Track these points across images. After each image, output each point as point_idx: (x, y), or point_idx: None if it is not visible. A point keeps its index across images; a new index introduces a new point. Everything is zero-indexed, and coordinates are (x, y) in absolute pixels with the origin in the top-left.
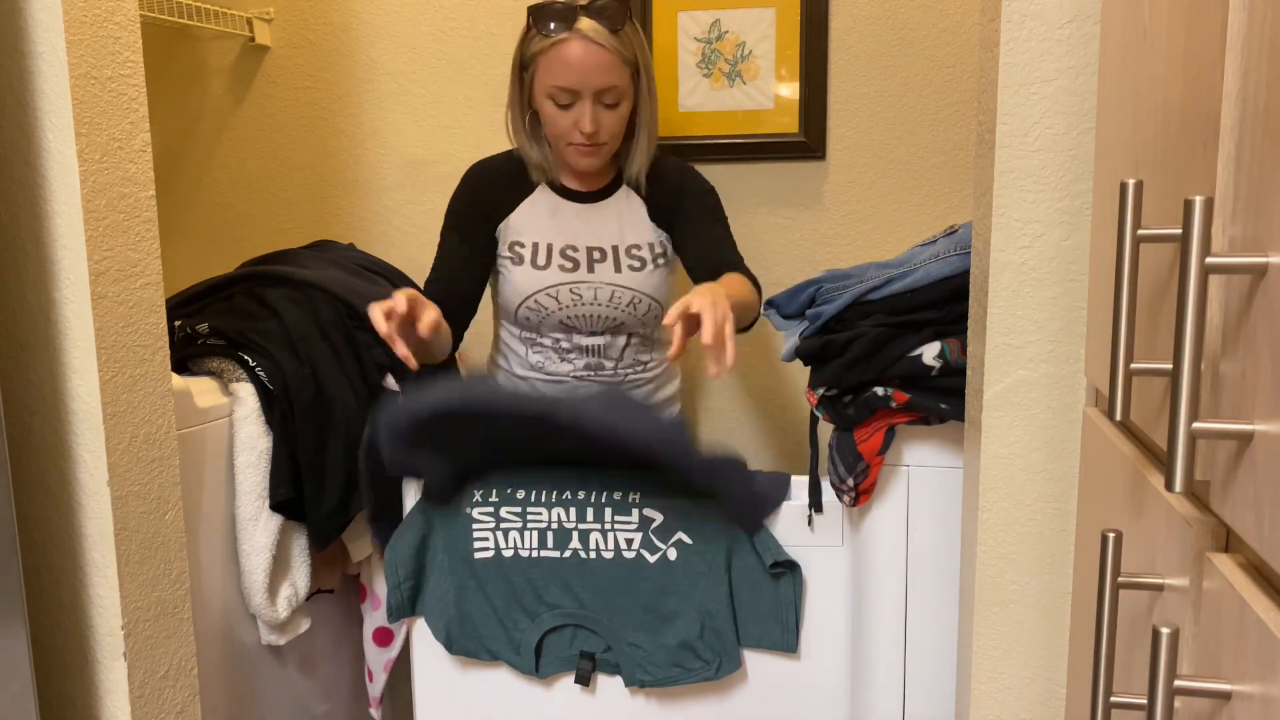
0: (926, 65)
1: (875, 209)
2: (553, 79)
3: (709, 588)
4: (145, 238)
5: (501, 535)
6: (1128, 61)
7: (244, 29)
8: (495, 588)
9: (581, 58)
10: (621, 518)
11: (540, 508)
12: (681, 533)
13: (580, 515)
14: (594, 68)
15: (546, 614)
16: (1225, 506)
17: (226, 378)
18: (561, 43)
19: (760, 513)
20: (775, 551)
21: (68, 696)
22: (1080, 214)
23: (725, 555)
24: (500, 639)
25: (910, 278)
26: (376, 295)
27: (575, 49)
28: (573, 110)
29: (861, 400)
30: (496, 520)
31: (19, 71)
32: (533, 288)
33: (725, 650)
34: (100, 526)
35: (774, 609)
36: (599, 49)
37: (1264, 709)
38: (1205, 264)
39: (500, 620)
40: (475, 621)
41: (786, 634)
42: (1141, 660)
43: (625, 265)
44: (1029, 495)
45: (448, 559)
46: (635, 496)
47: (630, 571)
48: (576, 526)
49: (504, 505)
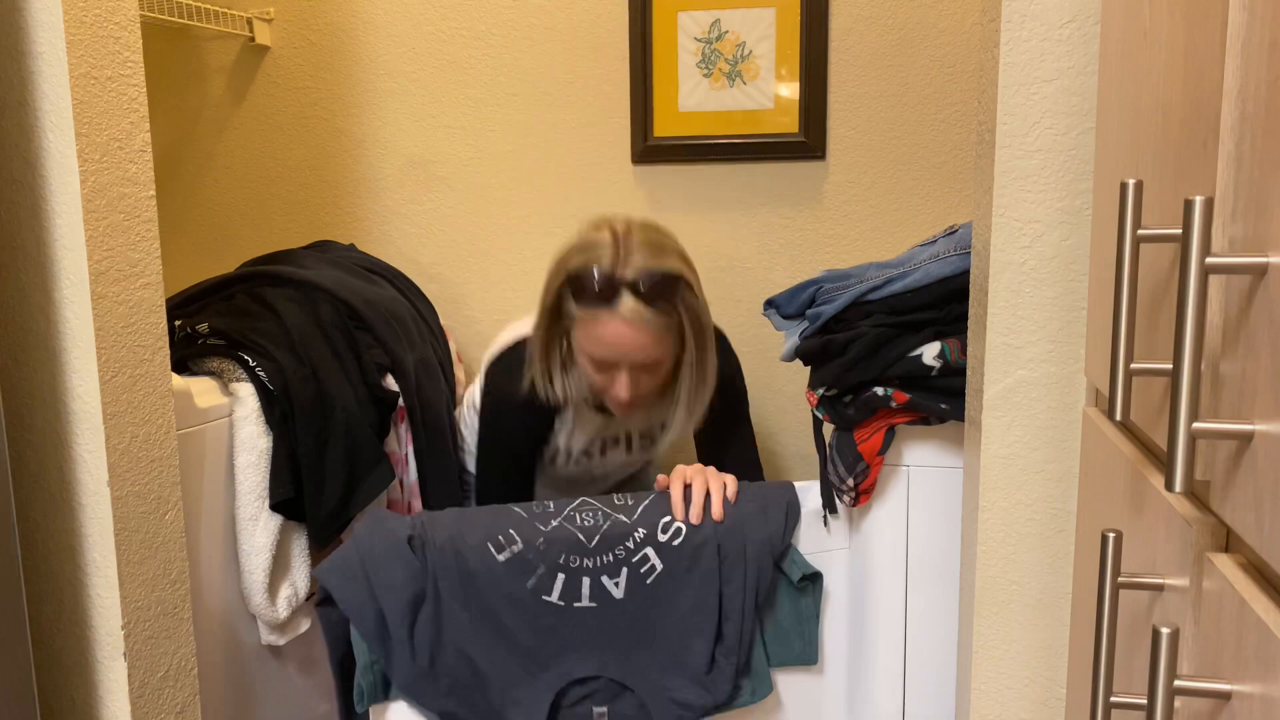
0: (926, 65)
1: (875, 209)
2: (589, 348)
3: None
4: (145, 238)
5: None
6: (1128, 61)
7: (244, 29)
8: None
9: (621, 338)
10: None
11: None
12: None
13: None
14: (633, 348)
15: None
16: (1225, 506)
17: (226, 378)
18: (602, 320)
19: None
20: (802, 565)
21: (68, 696)
22: (1080, 214)
23: (758, 577)
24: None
25: (910, 278)
26: (377, 296)
27: (615, 329)
28: (610, 374)
29: (861, 400)
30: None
31: (19, 71)
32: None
33: (759, 675)
34: (100, 526)
35: (796, 624)
36: (641, 331)
37: (1264, 709)
38: (1205, 264)
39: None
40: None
41: (808, 646)
42: (1141, 660)
43: (637, 446)
44: (1029, 495)
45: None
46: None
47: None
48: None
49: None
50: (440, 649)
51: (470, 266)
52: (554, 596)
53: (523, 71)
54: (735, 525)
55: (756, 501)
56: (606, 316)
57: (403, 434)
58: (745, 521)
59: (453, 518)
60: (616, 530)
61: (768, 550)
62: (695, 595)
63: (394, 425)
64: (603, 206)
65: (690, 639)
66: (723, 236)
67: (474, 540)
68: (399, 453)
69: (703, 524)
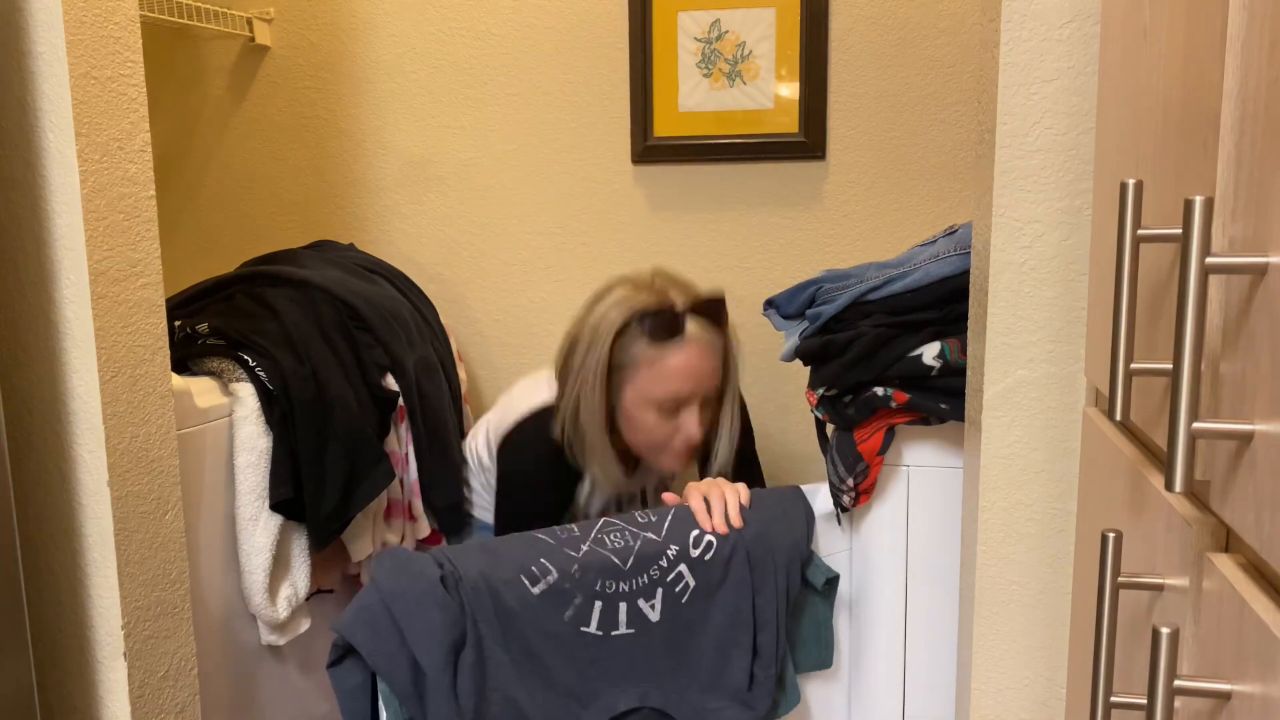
0: (926, 65)
1: (875, 209)
2: (663, 389)
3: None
4: (145, 238)
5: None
6: (1128, 61)
7: (244, 29)
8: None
9: (696, 365)
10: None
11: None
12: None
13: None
14: (707, 373)
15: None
16: (1225, 506)
17: (226, 378)
18: (675, 352)
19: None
20: (825, 570)
21: (68, 696)
22: (1080, 214)
23: (788, 585)
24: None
25: (910, 278)
26: (376, 295)
27: (687, 358)
28: (678, 417)
29: (861, 400)
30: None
31: (19, 71)
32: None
33: (791, 686)
34: (100, 526)
35: (814, 629)
36: (710, 353)
37: (1264, 709)
38: (1205, 264)
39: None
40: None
41: (824, 651)
42: (1141, 660)
43: (653, 500)
44: (1029, 495)
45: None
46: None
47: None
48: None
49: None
50: (485, 696)
51: (470, 266)
52: (592, 626)
53: (523, 71)
54: (762, 532)
55: (777, 507)
56: (676, 348)
57: (403, 433)
58: (771, 528)
59: (480, 550)
60: (649, 549)
61: (796, 555)
62: (729, 609)
63: (394, 425)
64: (603, 206)
65: (727, 655)
66: (723, 236)
67: (507, 574)
68: (399, 452)
69: (730, 534)
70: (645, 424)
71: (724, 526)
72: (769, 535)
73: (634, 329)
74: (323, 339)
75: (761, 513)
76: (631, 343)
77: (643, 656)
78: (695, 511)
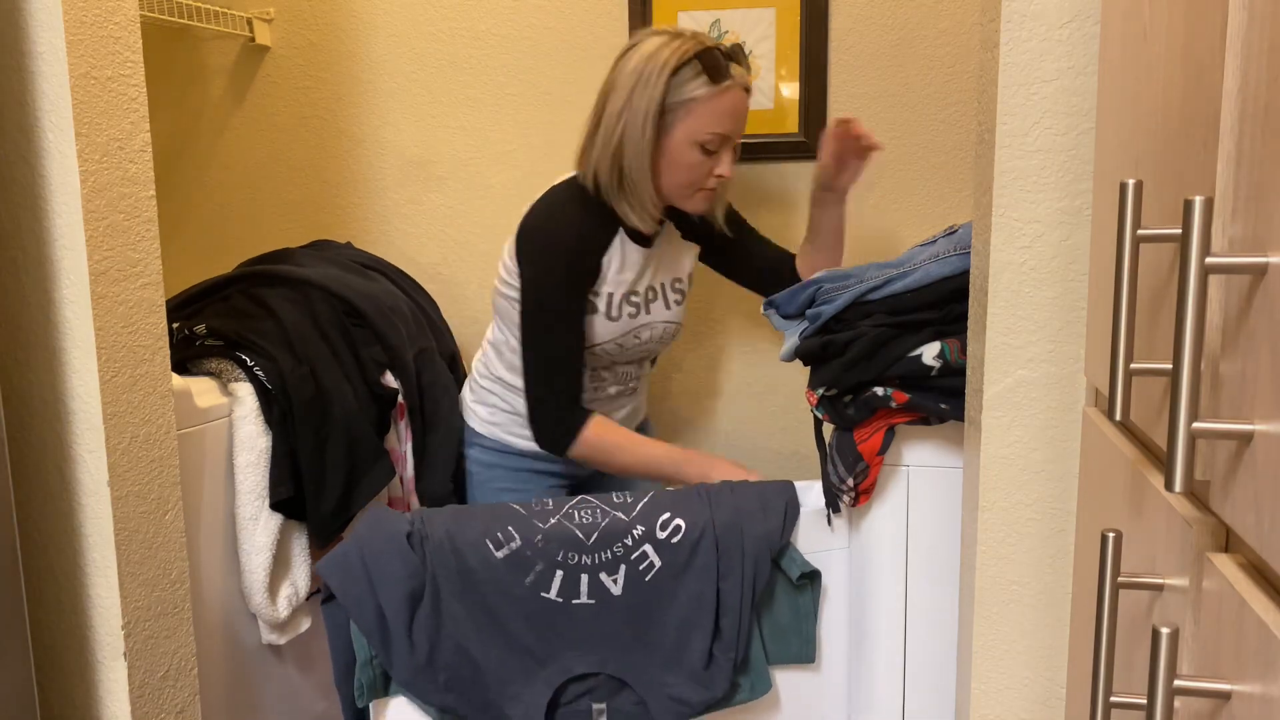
0: (926, 65)
1: (875, 209)
2: (713, 126)
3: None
4: (145, 238)
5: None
6: (1128, 61)
7: (244, 29)
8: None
9: (742, 104)
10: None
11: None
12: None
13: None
14: (744, 113)
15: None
16: (1225, 506)
17: (225, 378)
18: (729, 90)
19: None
20: (801, 564)
21: (68, 696)
22: (1080, 214)
23: (755, 574)
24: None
25: (910, 278)
26: (374, 291)
27: (738, 96)
28: (715, 157)
29: (861, 400)
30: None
31: (19, 71)
32: (603, 338)
33: (758, 672)
34: (100, 526)
35: (794, 622)
36: (748, 94)
37: (1264, 709)
38: (1205, 264)
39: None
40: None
41: (805, 645)
42: (1141, 660)
43: (672, 300)
44: (1029, 495)
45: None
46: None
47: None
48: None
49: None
50: (438, 644)
51: (470, 266)
52: (552, 593)
53: (523, 71)
54: (733, 521)
55: (756, 499)
56: (728, 88)
57: (402, 430)
58: (743, 518)
59: (450, 514)
60: (615, 527)
61: (765, 546)
62: (693, 591)
63: (394, 422)
64: None
65: (688, 635)
66: None
67: (472, 536)
68: (399, 449)
69: (700, 519)
70: (688, 161)
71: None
72: (740, 523)
73: (689, 69)
74: (320, 337)
75: (737, 502)
76: (686, 81)
77: (603, 627)
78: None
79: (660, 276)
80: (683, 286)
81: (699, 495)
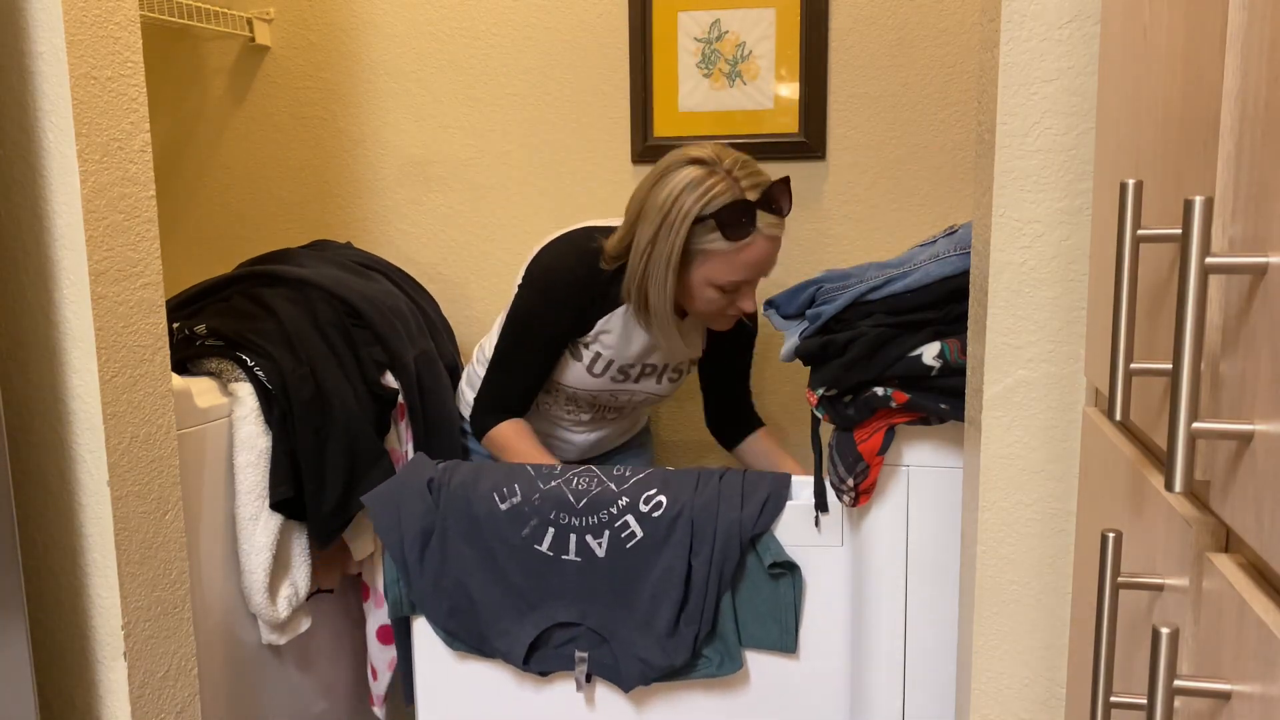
0: (926, 65)
1: (875, 209)
2: (730, 275)
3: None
4: (145, 238)
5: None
6: (1128, 61)
7: (244, 29)
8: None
9: (765, 256)
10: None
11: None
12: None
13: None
14: (770, 259)
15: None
16: (1225, 506)
17: (225, 378)
18: (749, 246)
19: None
20: (776, 553)
21: (68, 696)
22: (1080, 214)
23: (724, 555)
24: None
25: (910, 278)
26: (374, 292)
27: (758, 250)
28: (734, 294)
29: (861, 400)
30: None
31: (19, 71)
32: (576, 385)
33: (727, 650)
34: (100, 526)
35: (773, 609)
36: (776, 242)
37: (1264, 709)
38: (1205, 264)
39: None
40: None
41: (785, 634)
42: (1141, 660)
43: (667, 379)
44: (1029, 495)
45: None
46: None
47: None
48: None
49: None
50: (443, 576)
51: (470, 266)
52: (544, 547)
53: (523, 71)
54: (709, 505)
55: (740, 487)
56: (749, 243)
57: (403, 431)
58: (721, 502)
59: (471, 468)
60: (604, 496)
61: (735, 532)
62: (666, 563)
63: (394, 422)
64: (603, 207)
65: (660, 603)
66: None
67: (483, 490)
68: (399, 450)
69: (680, 499)
70: (705, 298)
71: None
72: (713, 507)
73: (709, 223)
74: (320, 337)
75: (721, 488)
76: (705, 233)
77: (587, 583)
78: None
79: (663, 359)
80: (682, 368)
81: (689, 477)
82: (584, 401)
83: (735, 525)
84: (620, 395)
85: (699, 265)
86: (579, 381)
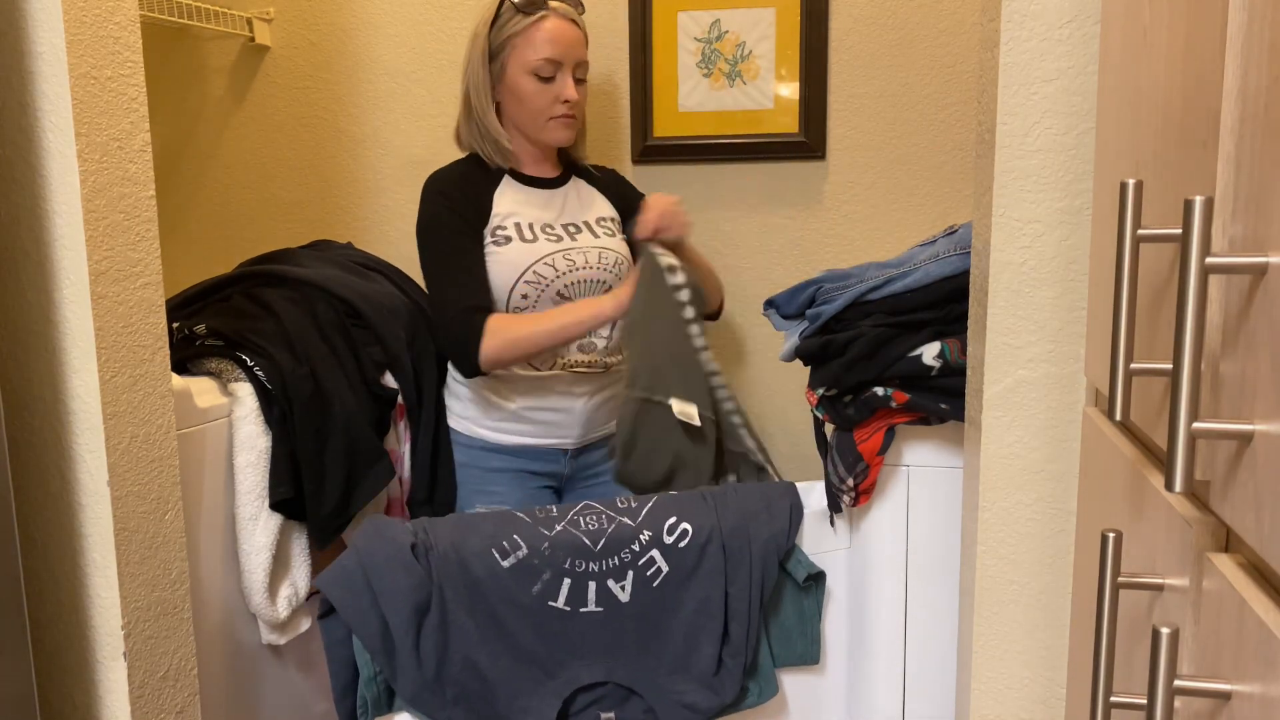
0: (926, 65)
1: (875, 209)
2: (536, 54)
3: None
4: (145, 238)
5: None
6: (1128, 61)
7: (244, 29)
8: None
9: (562, 31)
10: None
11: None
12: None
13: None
14: (572, 41)
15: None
16: (1225, 506)
17: (225, 378)
18: (542, 19)
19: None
20: (807, 565)
21: (68, 696)
22: (1080, 214)
23: (763, 575)
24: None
25: (910, 278)
26: (374, 292)
27: (556, 24)
28: (554, 83)
29: (861, 400)
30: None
31: (19, 71)
32: (529, 260)
33: (764, 676)
34: (100, 527)
35: (799, 623)
36: (572, 25)
37: (1264, 709)
38: (1205, 264)
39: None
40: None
41: (810, 646)
42: (1141, 660)
43: (601, 232)
44: (1029, 495)
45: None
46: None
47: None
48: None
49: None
50: (447, 658)
51: None
52: (560, 602)
53: None
54: (740, 524)
55: (760, 501)
56: (543, 18)
57: (402, 431)
58: (750, 520)
59: (453, 523)
60: (622, 533)
61: (773, 549)
62: (701, 596)
63: (393, 422)
64: None
65: (697, 640)
66: (723, 236)
67: (478, 546)
68: (398, 450)
69: (706, 524)
70: (529, 93)
71: (651, 228)
72: (746, 527)
73: (505, 12)
74: (320, 337)
75: (742, 504)
76: (504, 24)
77: (611, 634)
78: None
79: (581, 215)
80: (608, 224)
81: (703, 499)
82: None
83: (771, 544)
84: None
85: (509, 59)
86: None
